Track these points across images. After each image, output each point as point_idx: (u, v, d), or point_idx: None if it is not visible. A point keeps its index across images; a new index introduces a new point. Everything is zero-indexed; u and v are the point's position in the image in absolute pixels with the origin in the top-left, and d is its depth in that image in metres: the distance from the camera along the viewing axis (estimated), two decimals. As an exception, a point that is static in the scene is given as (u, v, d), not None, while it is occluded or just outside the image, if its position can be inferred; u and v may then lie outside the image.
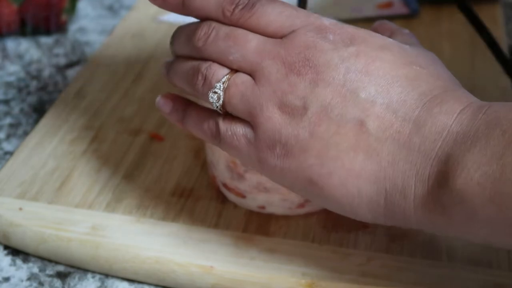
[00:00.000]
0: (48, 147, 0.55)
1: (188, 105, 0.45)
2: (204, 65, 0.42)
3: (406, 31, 0.46)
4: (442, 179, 0.37)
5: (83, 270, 0.48)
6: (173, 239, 0.47)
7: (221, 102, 0.42)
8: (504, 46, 0.66)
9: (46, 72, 0.67)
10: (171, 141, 0.56)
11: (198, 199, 0.50)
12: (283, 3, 0.42)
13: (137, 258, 0.46)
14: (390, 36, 0.45)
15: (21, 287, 0.47)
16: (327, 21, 0.42)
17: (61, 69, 0.68)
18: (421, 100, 0.39)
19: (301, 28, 0.41)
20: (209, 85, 0.42)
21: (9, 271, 0.48)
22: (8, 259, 0.49)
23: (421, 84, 0.39)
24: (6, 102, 0.63)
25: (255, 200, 0.48)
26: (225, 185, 0.49)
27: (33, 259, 0.49)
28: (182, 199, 0.50)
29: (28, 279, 0.47)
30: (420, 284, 0.44)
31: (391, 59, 0.40)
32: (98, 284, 0.47)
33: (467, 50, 0.66)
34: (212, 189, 0.51)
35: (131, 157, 0.54)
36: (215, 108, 0.42)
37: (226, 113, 0.42)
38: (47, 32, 0.72)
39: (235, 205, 0.50)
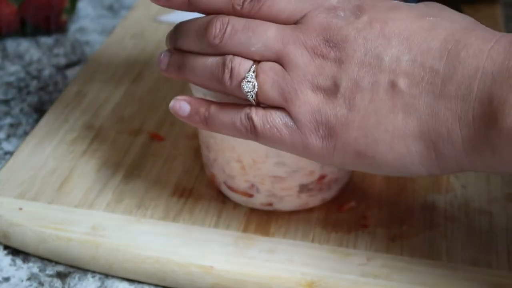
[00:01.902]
0: (48, 147, 0.55)
1: (209, 104, 0.44)
2: (228, 59, 0.42)
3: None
4: (489, 121, 0.37)
5: (83, 270, 0.48)
6: (173, 239, 0.47)
7: (256, 90, 0.42)
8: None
9: (46, 72, 0.67)
10: (171, 141, 0.56)
11: (198, 199, 0.50)
12: None
13: (137, 258, 0.46)
14: None
15: (21, 287, 0.47)
16: (334, 1, 0.42)
17: (61, 69, 0.68)
18: (444, 47, 0.39)
19: (311, 11, 0.42)
20: (238, 76, 0.42)
21: (9, 271, 0.48)
22: (8, 259, 0.49)
23: (439, 31, 0.40)
24: (6, 102, 0.63)
25: (260, 198, 0.48)
26: (227, 185, 0.49)
27: (33, 259, 0.49)
28: (182, 199, 0.50)
29: (28, 279, 0.47)
30: (420, 284, 0.44)
31: (403, 17, 0.41)
32: (98, 284, 0.47)
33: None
34: (212, 189, 0.51)
35: (131, 157, 0.54)
36: (250, 98, 0.42)
37: (258, 106, 0.42)
38: (47, 32, 0.72)
39: (235, 205, 0.50)
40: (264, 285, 0.45)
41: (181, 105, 0.45)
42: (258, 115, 0.42)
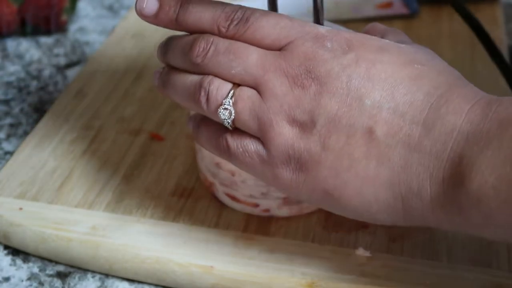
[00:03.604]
0: (48, 147, 0.55)
1: (201, 119, 0.44)
2: (206, 80, 0.42)
3: (396, 30, 0.46)
4: (457, 181, 0.37)
5: (83, 270, 0.48)
6: (173, 239, 0.47)
7: (232, 117, 0.41)
8: (504, 46, 0.66)
9: (46, 72, 0.67)
10: (171, 141, 0.56)
11: (198, 199, 0.50)
12: (278, 14, 0.42)
13: (137, 258, 0.46)
14: (381, 37, 0.45)
15: (21, 287, 0.47)
16: (323, 29, 0.41)
17: (61, 69, 0.68)
18: (427, 101, 0.39)
19: (298, 38, 0.41)
20: (215, 102, 0.41)
21: (9, 271, 0.48)
22: (8, 259, 0.49)
23: (425, 82, 0.39)
24: (6, 102, 0.63)
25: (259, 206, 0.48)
26: (229, 195, 0.49)
27: (33, 259, 0.49)
28: (182, 199, 0.50)
29: (28, 279, 0.47)
30: (420, 284, 0.44)
31: (391, 60, 0.40)
32: (98, 284, 0.47)
33: (467, 50, 0.66)
34: (212, 189, 0.51)
35: (131, 157, 0.54)
36: (226, 124, 0.42)
37: (235, 129, 0.42)
38: (47, 32, 0.72)
39: (235, 205, 0.50)
40: (264, 285, 0.45)
41: (190, 119, 0.45)
42: (233, 138, 0.42)
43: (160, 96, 0.60)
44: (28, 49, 0.71)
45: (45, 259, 0.48)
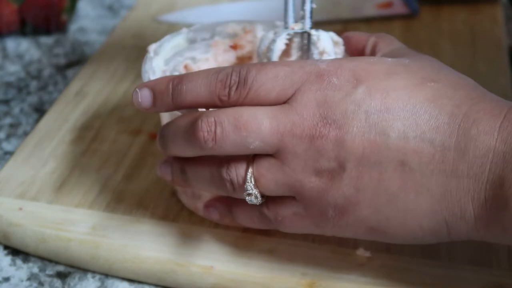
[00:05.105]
0: (48, 147, 0.55)
1: (231, 203, 0.44)
2: (224, 170, 0.41)
3: (386, 35, 0.45)
4: (500, 204, 0.37)
5: (83, 270, 0.48)
6: (173, 239, 0.47)
7: (259, 199, 0.41)
8: (504, 46, 0.66)
9: (46, 72, 0.67)
10: (171, 141, 0.56)
11: (198, 199, 0.50)
12: (274, 63, 0.41)
13: (137, 258, 0.46)
14: (374, 47, 0.44)
15: (21, 287, 0.47)
16: (323, 64, 0.40)
17: (61, 69, 0.68)
18: (453, 122, 0.38)
19: (302, 85, 0.39)
20: (240, 188, 0.41)
21: (9, 271, 0.48)
22: (8, 259, 0.49)
23: (444, 102, 0.38)
24: (6, 102, 0.63)
25: None
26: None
27: (33, 259, 0.49)
28: (182, 199, 0.50)
29: (28, 279, 0.47)
30: (420, 284, 0.44)
31: (403, 85, 0.39)
32: (98, 284, 0.47)
33: (467, 50, 0.66)
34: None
35: (131, 157, 0.54)
36: (257, 203, 0.41)
37: (268, 198, 0.42)
38: (47, 32, 0.72)
39: (235, 205, 0.50)
40: (264, 285, 0.45)
41: (210, 211, 0.46)
42: (269, 210, 0.42)
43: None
44: (28, 49, 0.71)
45: (45, 259, 0.48)
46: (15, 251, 0.49)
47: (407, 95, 0.38)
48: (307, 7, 0.46)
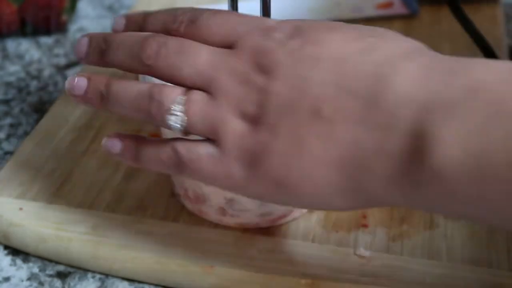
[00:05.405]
0: (48, 147, 0.55)
1: (139, 140, 0.43)
2: (156, 90, 0.41)
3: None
4: (415, 156, 0.34)
5: (83, 270, 0.48)
6: (173, 239, 0.47)
7: (181, 123, 0.40)
8: (504, 46, 0.66)
9: (46, 72, 0.67)
10: (171, 141, 0.56)
11: (198, 199, 0.50)
12: (228, 12, 0.42)
13: (137, 258, 0.46)
14: None
15: (21, 287, 0.47)
16: (272, 21, 0.41)
17: (61, 69, 0.68)
18: (374, 72, 0.36)
19: (246, 34, 0.40)
20: (166, 109, 0.40)
21: (9, 271, 0.48)
22: (8, 259, 0.49)
23: (376, 53, 0.37)
24: (6, 102, 0.63)
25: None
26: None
27: (33, 259, 0.49)
28: (182, 199, 0.51)
29: (28, 279, 0.47)
30: (420, 284, 0.44)
31: (339, 37, 0.38)
32: (98, 284, 0.47)
33: (467, 50, 0.66)
34: (212, 189, 0.51)
35: (131, 157, 0.54)
36: (177, 131, 0.40)
37: (183, 138, 0.41)
38: (47, 32, 0.72)
39: (235, 205, 0.50)
40: (264, 285, 0.45)
41: (112, 142, 0.43)
42: (184, 146, 0.40)
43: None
44: (28, 49, 0.71)
45: (45, 259, 0.48)
46: (15, 251, 0.49)
47: (338, 45, 0.38)
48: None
